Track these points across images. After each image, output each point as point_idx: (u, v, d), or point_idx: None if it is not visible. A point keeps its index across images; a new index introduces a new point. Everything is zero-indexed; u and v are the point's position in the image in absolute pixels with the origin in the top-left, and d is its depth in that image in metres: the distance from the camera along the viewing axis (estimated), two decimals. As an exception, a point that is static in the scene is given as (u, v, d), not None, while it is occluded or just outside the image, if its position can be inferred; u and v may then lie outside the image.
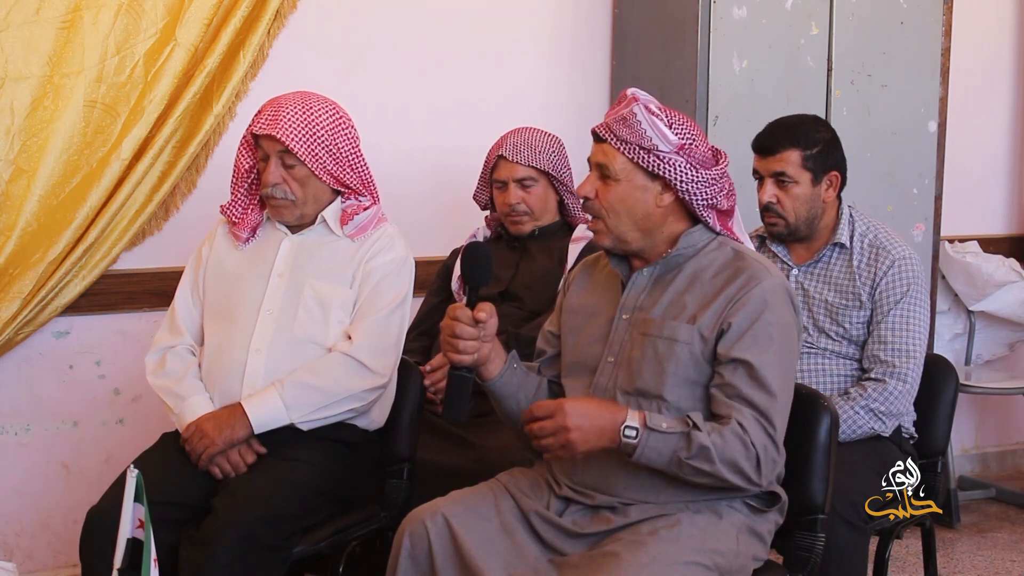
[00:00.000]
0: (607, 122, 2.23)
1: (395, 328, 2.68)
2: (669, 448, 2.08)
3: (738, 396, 2.13)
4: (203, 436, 2.54)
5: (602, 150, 2.23)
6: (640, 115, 2.19)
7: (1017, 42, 4.64)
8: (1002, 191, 4.71)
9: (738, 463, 2.10)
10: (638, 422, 2.08)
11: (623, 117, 2.20)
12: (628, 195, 2.22)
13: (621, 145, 2.20)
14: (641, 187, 2.22)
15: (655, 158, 2.19)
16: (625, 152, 2.20)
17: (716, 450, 2.08)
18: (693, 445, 2.07)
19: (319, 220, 2.71)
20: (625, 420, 2.08)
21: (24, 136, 3.13)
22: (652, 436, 2.07)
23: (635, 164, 2.20)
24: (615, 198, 2.23)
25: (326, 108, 2.66)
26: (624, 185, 2.22)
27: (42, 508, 3.40)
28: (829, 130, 2.98)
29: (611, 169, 2.22)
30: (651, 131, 2.18)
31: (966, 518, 4.18)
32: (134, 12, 3.20)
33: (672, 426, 2.09)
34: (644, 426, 2.08)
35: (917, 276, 2.92)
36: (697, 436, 2.08)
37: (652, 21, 3.71)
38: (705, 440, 2.07)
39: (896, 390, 2.83)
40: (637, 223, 2.24)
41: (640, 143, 2.19)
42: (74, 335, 3.39)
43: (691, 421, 2.10)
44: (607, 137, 2.22)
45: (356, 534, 2.64)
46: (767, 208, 2.95)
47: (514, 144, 3.18)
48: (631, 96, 2.22)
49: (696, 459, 2.08)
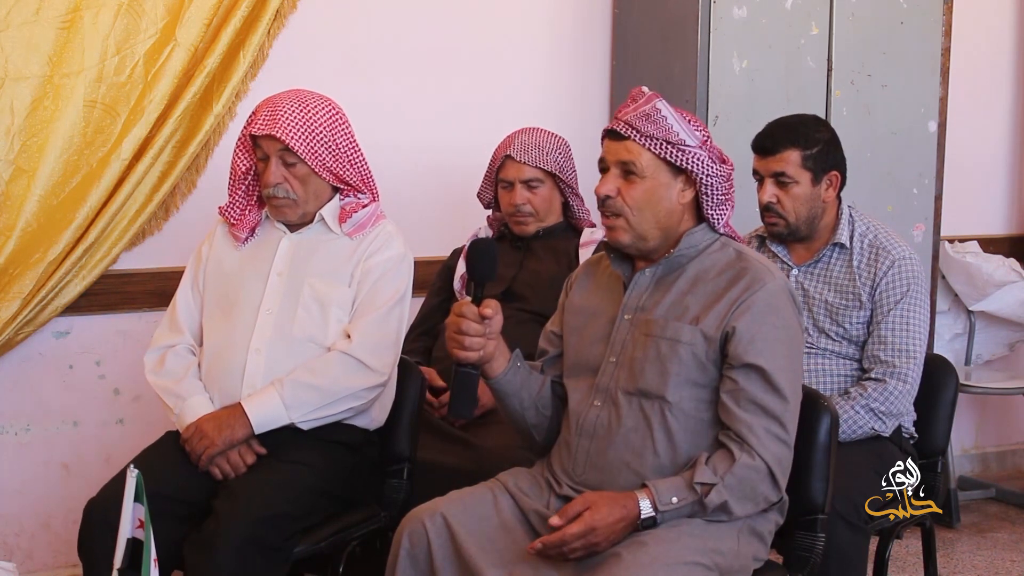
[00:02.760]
0: (627, 119, 2.22)
1: (394, 326, 2.68)
2: (684, 514, 2.14)
3: (751, 402, 2.14)
4: (203, 437, 2.54)
5: (625, 147, 2.22)
6: (665, 110, 2.20)
7: (1017, 42, 4.64)
8: (1002, 191, 4.71)
9: (756, 490, 2.15)
10: (651, 508, 2.12)
11: (646, 113, 2.20)
12: (654, 192, 2.22)
13: (647, 141, 2.20)
14: (665, 183, 2.22)
15: (681, 152, 2.19)
16: (651, 148, 2.20)
17: (732, 496, 2.13)
18: (708, 508, 2.13)
19: (317, 218, 2.71)
20: (640, 514, 2.12)
21: (24, 136, 3.13)
22: (666, 515, 2.13)
23: (661, 159, 2.21)
24: (640, 195, 2.22)
25: (322, 105, 2.66)
26: (650, 182, 2.22)
27: (42, 508, 3.40)
28: (829, 130, 2.98)
29: (637, 165, 2.21)
30: (678, 125, 2.19)
31: (966, 518, 4.18)
32: (134, 12, 3.20)
33: (683, 498, 2.13)
34: (656, 511, 2.12)
35: (917, 276, 2.92)
36: (710, 500, 2.12)
37: (652, 21, 3.71)
38: (718, 498, 2.12)
39: (896, 390, 2.83)
40: (659, 220, 2.24)
41: (667, 138, 2.19)
42: (74, 335, 3.39)
43: (699, 486, 2.12)
44: (630, 134, 2.21)
45: (356, 534, 2.64)
46: (767, 208, 2.95)
47: (522, 144, 3.18)
48: (650, 93, 2.23)
49: (714, 514, 2.15)
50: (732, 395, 2.16)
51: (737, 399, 2.15)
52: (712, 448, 2.19)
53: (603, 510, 2.10)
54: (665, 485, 2.13)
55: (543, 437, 2.41)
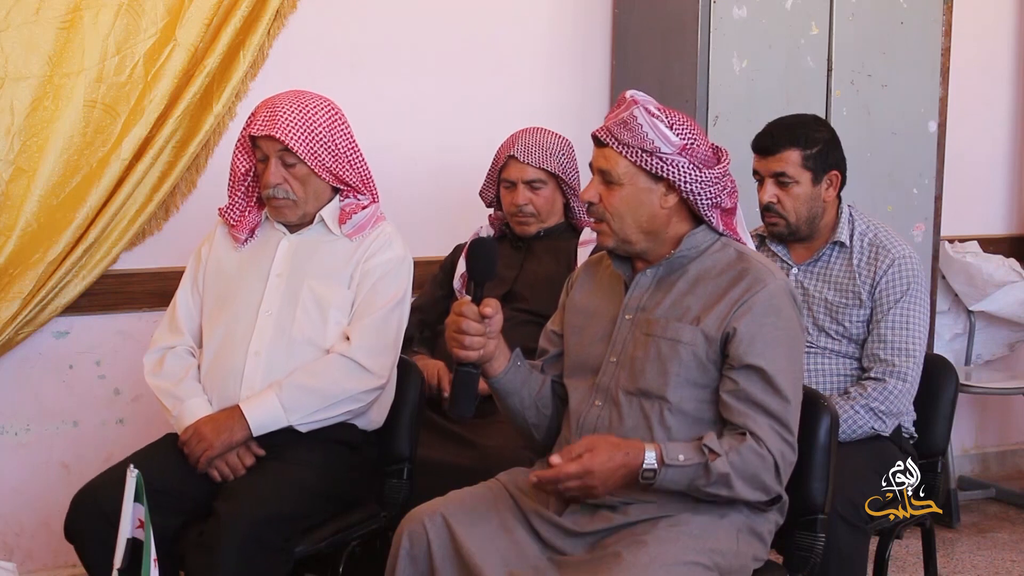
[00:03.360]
0: (607, 126, 2.22)
1: (393, 328, 2.68)
2: (687, 478, 2.11)
3: (752, 402, 2.14)
4: (201, 439, 2.54)
5: (604, 155, 2.23)
6: (640, 117, 2.18)
7: (1017, 42, 4.63)
8: (1002, 191, 4.71)
9: (759, 476, 2.12)
10: (655, 459, 2.09)
11: (623, 120, 2.20)
12: (632, 198, 2.22)
13: (623, 149, 2.20)
14: (645, 190, 2.22)
15: (657, 160, 2.19)
16: (627, 156, 2.20)
17: (735, 472, 2.10)
18: (712, 474, 2.10)
19: (317, 219, 2.71)
20: (643, 461, 2.09)
21: (24, 136, 3.13)
22: (669, 471, 2.10)
23: (638, 167, 2.20)
24: (619, 202, 2.22)
25: (322, 105, 2.66)
26: (628, 189, 2.22)
27: (42, 508, 3.40)
28: (829, 130, 2.98)
29: (614, 174, 2.21)
30: (652, 133, 2.18)
31: (966, 518, 4.18)
32: (134, 12, 3.20)
33: (689, 457, 2.10)
34: (661, 462, 2.09)
35: (917, 275, 2.93)
36: (715, 466, 2.10)
37: (652, 21, 3.71)
38: (723, 467, 2.09)
39: (896, 389, 2.83)
40: (642, 226, 2.24)
41: (642, 146, 2.18)
42: (74, 335, 3.39)
43: (707, 448, 2.10)
44: (608, 141, 2.22)
45: (356, 534, 2.64)
46: (768, 208, 2.95)
47: (525, 144, 3.18)
48: (630, 99, 2.22)
49: (715, 486, 2.11)
50: (733, 395, 2.16)
51: (739, 399, 2.15)
52: None
53: (603, 454, 2.09)
54: (673, 444, 2.12)
55: (543, 436, 2.40)
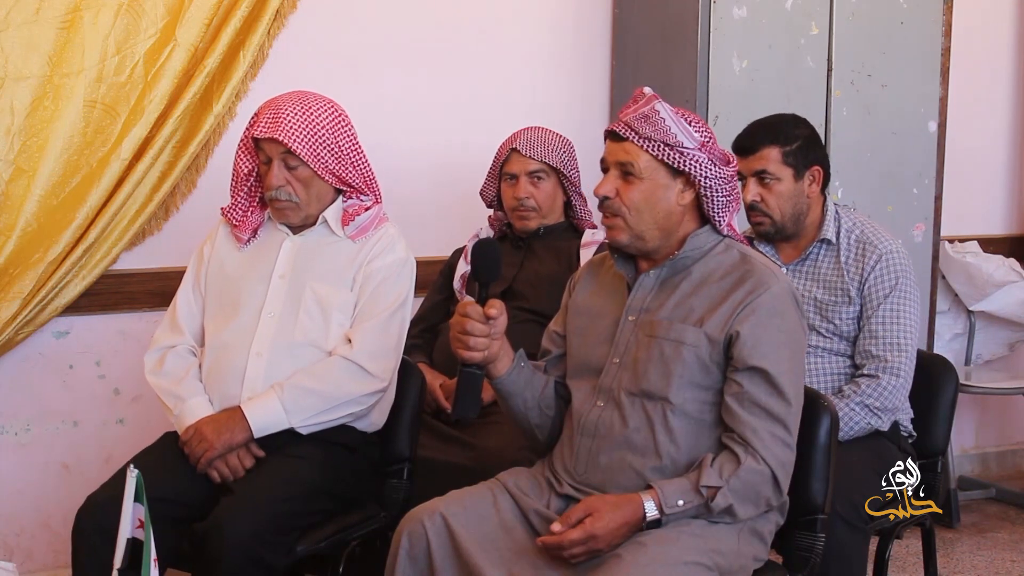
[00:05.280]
0: (627, 120, 2.23)
1: (395, 331, 2.68)
2: (690, 515, 2.14)
3: (755, 405, 2.15)
4: (202, 440, 2.54)
5: (623, 148, 2.23)
6: (663, 112, 2.20)
7: (1017, 42, 4.63)
8: (1002, 191, 4.71)
9: (760, 494, 2.15)
10: (656, 509, 2.12)
11: (645, 115, 2.20)
12: (651, 193, 2.23)
13: (645, 143, 2.20)
14: (664, 185, 2.23)
15: (679, 154, 2.20)
16: (649, 149, 2.20)
17: (737, 498, 2.13)
18: (714, 512, 2.14)
19: (320, 221, 2.71)
20: (645, 516, 2.12)
21: (24, 136, 3.13)
22: (671, 517, 2.13)
23: (659, 161, 2.21)
24: (638, 196, 2.23)
25: (325, 107, 2.66)
26: (647, 183, 2.22)
27: (42, 508, 3.40)
28: (808, 127, 2.99)
29: (635, 167, 2.22)
30: (675, 127, 2.19)
31: (966, 518, 4.18)
32: (134, 12, 3.20)
33: (689, 500, 2.13)
34: (661, 513, 2.12)
35: (905, 269, 2.93)
36: (716, 503, 2.12)
37: (652, 21, 3.71)
38: (724, 501, 2.13)
39: (890, 385, 2.84)
40: (658, 222, 2.25)
41: (665, 140, 2.19)
42: (74, 335, 3.39)
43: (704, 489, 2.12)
44: (628, 135, 2.22)
45: (356, 534, 2.64)
46: (752, 207, 2.95)
47: (528, 139, 3.21)
48: (650, 94, 2.23)
49: (719, 516, 2.15)
50: (736, 398, 2.17)
51: (741, 402, 2.16)
52: (715, 450, 2.19)
53: (605, 517, 2.10)
54: (671, 487, 2.13)
55: (546, 437, 2.41)
